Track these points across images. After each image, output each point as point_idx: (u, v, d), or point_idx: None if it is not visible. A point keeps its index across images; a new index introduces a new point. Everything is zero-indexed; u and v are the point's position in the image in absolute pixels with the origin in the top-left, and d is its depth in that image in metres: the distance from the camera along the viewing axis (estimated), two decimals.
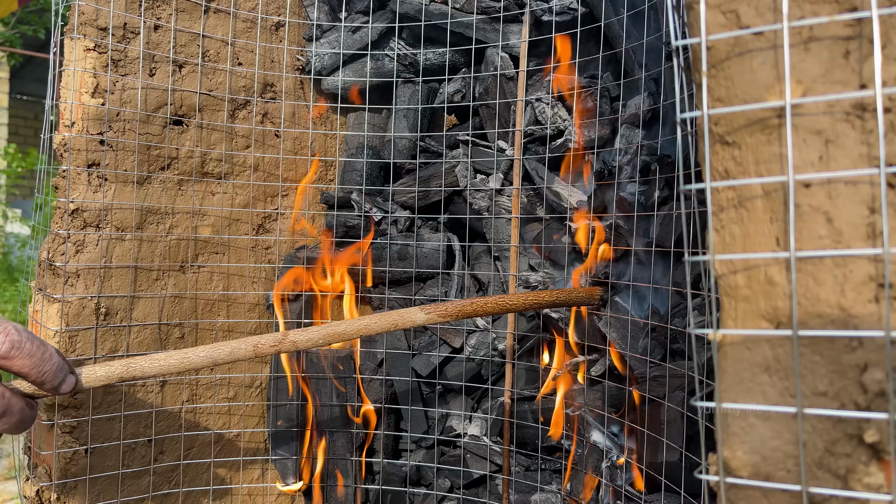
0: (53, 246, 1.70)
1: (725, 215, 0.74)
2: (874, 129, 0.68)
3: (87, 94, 1.69)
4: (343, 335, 1.38)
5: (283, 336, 1.37)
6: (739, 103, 0.73)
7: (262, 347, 1.37)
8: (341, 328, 1.38)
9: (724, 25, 0.74)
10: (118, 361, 1.31)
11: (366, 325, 1.39)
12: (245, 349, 1.37)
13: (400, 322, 1.40)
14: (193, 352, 1.35)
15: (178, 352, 1.35)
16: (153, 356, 1.32)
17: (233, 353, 1.37)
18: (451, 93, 1.96)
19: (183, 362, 1.34)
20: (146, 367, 1.30)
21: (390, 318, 1.39)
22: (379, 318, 1.39)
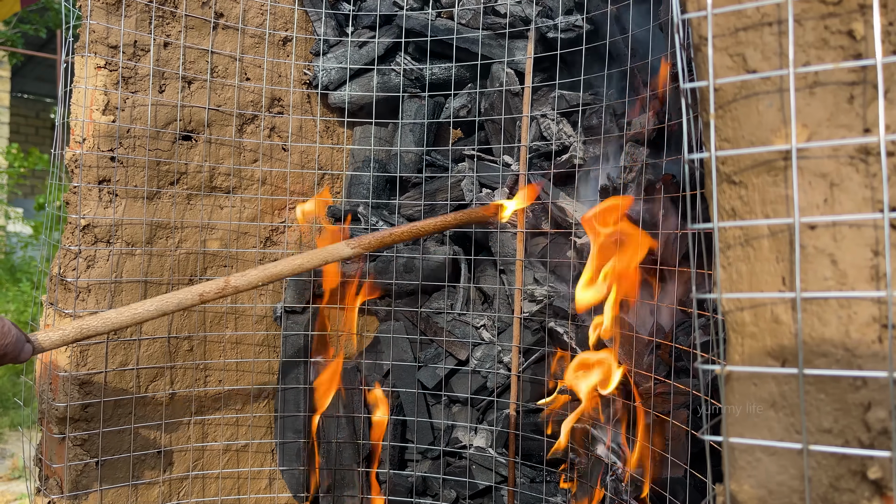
0: (65, 261, 1.72)
1: (732, 253, 0.76)
2: (878, 172, 0.69)
3: (97, 111, 1.71)
4: (280, 274, 1.49)
5: (224, 282, 1.45)
6: (746, 144, 0.75)
7: (208, 294, 1.45)
8: (278, 268, 1.48)
9: (731, 68, 0.76)
10: (71, 324, 1.36)
11: (300, 264, 1.49)
12: (191, 297, 1.45)
13: (329, 257, 1.52)
14: (142, 305, 1.41)
15: (128, 307, 1.41)
16: (103, 314, 1.38)
17: (181, 303, 1.44)
18: (457, 108, 1.98)
19: (134, 317, 1.39)
20: (97, 326, 1.36)
21: (321, 255, 1.51)
22: (311, 256, 1.50)
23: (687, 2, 0.79)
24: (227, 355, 1.97)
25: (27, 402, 3.92)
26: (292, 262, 1.50)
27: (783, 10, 0.73)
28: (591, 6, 1.75)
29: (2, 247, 8.28)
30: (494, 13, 1.92)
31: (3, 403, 4.12)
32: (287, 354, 2.02)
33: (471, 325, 1.94)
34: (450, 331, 1.95)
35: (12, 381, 4.49)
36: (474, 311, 1.97)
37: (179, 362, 1.88)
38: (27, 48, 9.09)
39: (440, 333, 1.96)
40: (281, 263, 1.50)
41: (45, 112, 11.83)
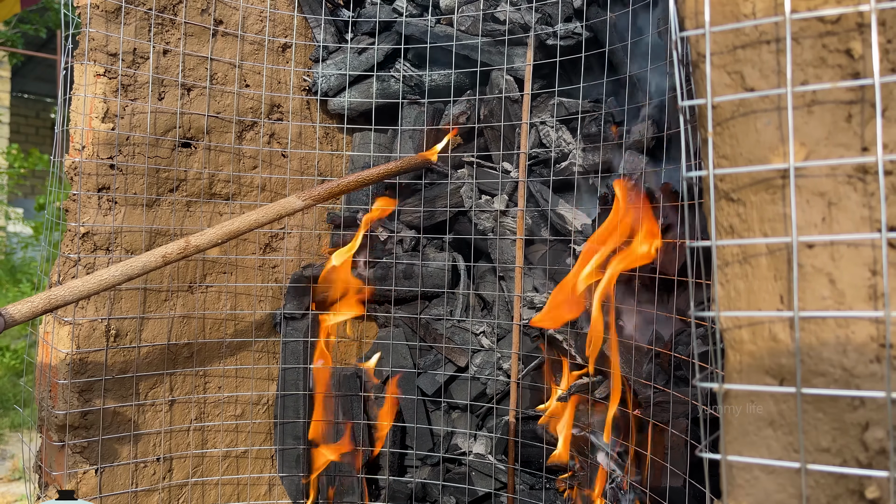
0: (64, 269, 1.72)
1: (730, 270, 0.76)
2: (876, 192, 0.69)
3: (97, 118, 1.71)
4: (238, 231, 1.56)
5: (185, 243, 1.50)
6: (744, 162, 0.75)
7: (170, 255, 1.49)
8: (235, 225, 1.55)
9: (729, 86, 0.76)
10: (39, 295, 1.37)
11: (255, 220, 1.56)
12: (155, 260, 1.49)
13: (283, 211, 1.59)
14: (107, 271, 1.44)
15: (94, 274, 1.44)
16: (70, 283, 1.39)
17: (145, 266, 1.48)
18: (456, 114, 1.98)
19: (101, 283, 1.42)
20: (66, 295, 1.38)
21: (274, 209, 1.58)
22: (266, 211, 1.58)
23: (685, 19, 0.79)
24: (227, 362, 1.98)
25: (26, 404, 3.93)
26: (248, 218, 1.57)
27: (781, 28, 0.73)
28: (591, 14, 1.75)
29: (2, 247, 8.27)
30: (494, 20, 1.92)
31: (4, 404, 4.11)
32: (286, 361, 2.02)
33: (470, 331, 1.94)
34: (449, 337, 1.95)
35: (13, 382, 4.49)
36: (474, 318, 1.97)
37: (179, 369, 1.88)
38: (27, 48, 9.08)
39: (440, 340, 1.96)
40: (237, 220, 1.56)
41: (45, 112, 11.83)
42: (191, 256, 1.56)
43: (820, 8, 0.72)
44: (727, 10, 0.77)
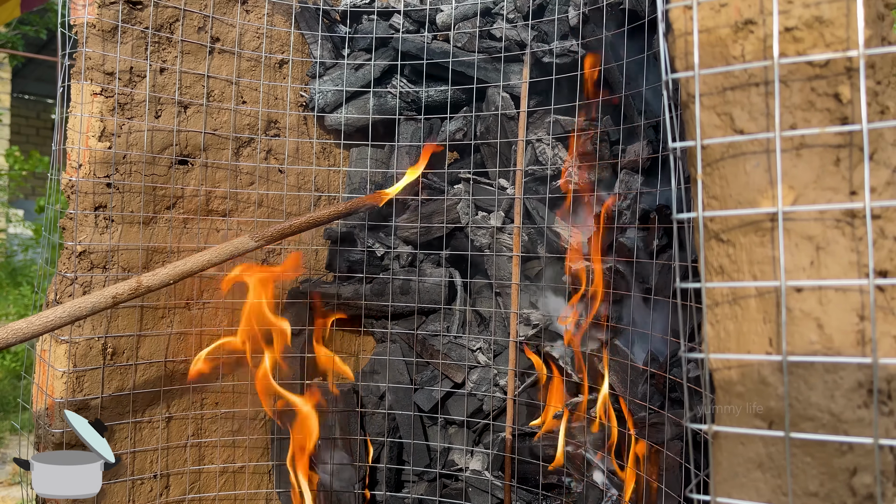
0: (61, 287, 1.72)
1: (720, 310, 0.77)
2: (864, 236, 0.70)
3: (94, 137, 1.71)
4: (192, 270, 1.52)
5: (136, 283, 1.46)
6: (734, 203, 0.76)
7: (121, 296, 1.45)
8: (189, 265, 1.51)
9: (719, 127, 0.77)
10: None
11: (208, 260, 1.53)
12: (104, 300, 1.45)
13: (235, 251, 1.57)
14: (53, 312, 1.41)
15: (39, 315, 1.40)
16: (13, 325, 1.36)
17: (94, 307, 1.44)
18: (452, 131, 1.98)
19: (45, 324, 1.39)
20: (8, 337, 1.35)
21: (227, 249, 1.56)
22: (219, 250, 1.55)
23: (675, 59, 0.80)
24: (224, 378, 1.98)
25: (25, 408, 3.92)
26: (201, 258, 1.54)
27: (770, 71, 0.73)
28: (587, 32, 1.75)
29: (2, 250, 8.25)
30: (490, 37, 1.92)
31: (4, 407, 4.11)
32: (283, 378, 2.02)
33: (467, 347, 1.95)
34: (446, 353, 1.95)
35: (13, 385, 4.49)
36: (470, 334, 1.97)
37: (176, 385, 1.88)
38: (28, 49, 9.09)
39: (436, 356, 1.96)
40: (190, 260, 1.53)
41: (45, 112, 11.83)
42: (142, 297, 1.54)
43: (808, 52, 0.73)
44: (716, 51, 0.77)
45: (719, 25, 0.77)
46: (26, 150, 10.05)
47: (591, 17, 1.73)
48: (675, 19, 0.79)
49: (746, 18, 0.75)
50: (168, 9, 1.80)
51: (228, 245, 1.57)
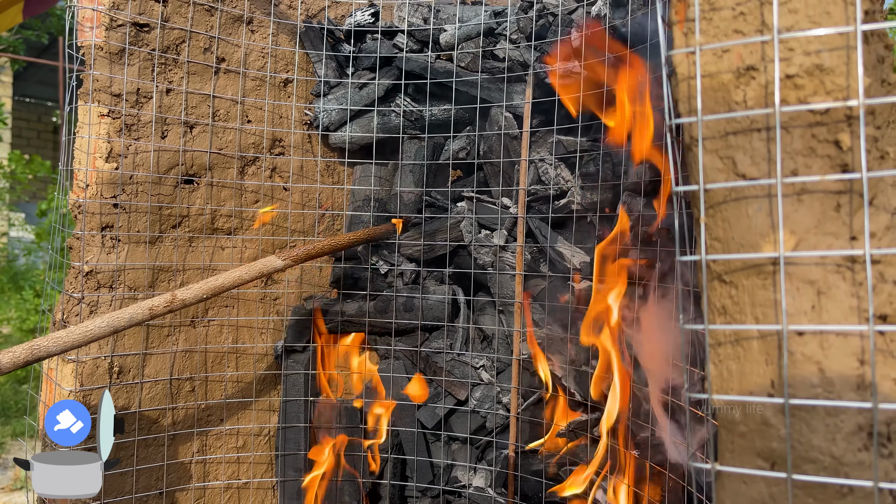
0: (68, 307, 1.74)
1: (723, 350, 0.78)
2: (864, 281, 0.71)
3: (100, 158, 1.73)
4: (223, 287, 1.59)
5: (171, 296, 1.52)
6: (736, 246, 0.77)
7: (157, 309, 1.51)
8: (220, 281, 1.59)
9: (721, 170, 0.78)
10: (21, 346, 1.37)
11: (239, 277, 1.61)
12: (142, 313, 1.49)
13: (265, 269, 1.65)
14: (93, 322, 1.44)
15: (79, 326, 1.43)
16: (55, 334, 1.40)
17: (132, 318, 1.48)
18: (456, 150, 2.00)
19: (85, 335, 1.42)
20: (49, 346, 1.39)
21: (257, 267, 1.64)
22: (249, 269, 1.63)
23: (678, 102, 0.81)
24: (229, 394, 1.99)
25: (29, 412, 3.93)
26: (232, 275, 1.61)
27: (771, 118, 0.75)
28: (589, 53, 1.76)
29: (4, 254, 8.25)
30: (493, 57, 1.94)
31: (5, 412, 4.12)
32: (287, 393, 2.03)
33: (470, 365, 1.96)
34: (449, 370, 1.96)
35: (14, 390, 4.49)
36: (474, 351, 1.98)
37: (181, 403, 1.90)
38: (29, 52, 9.13)
39: (440, 373, 1.98)
40: (221, 277, 1.60)
41: (46, 116, 11.86)
42: (177, 310, 1.58)
43: (809, 99, 0.74)
44: (719, 96, 0.78)
45: (721, 71, 0.78)
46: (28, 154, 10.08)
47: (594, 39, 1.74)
48: (679, 63, 0.80)
49: (748, 65, 0.77)
50: (174, 30, 1.82)
51: (258, 264, 1.65)
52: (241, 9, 1.94)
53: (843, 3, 0.73)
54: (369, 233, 1.95)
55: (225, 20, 1.91)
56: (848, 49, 0.73)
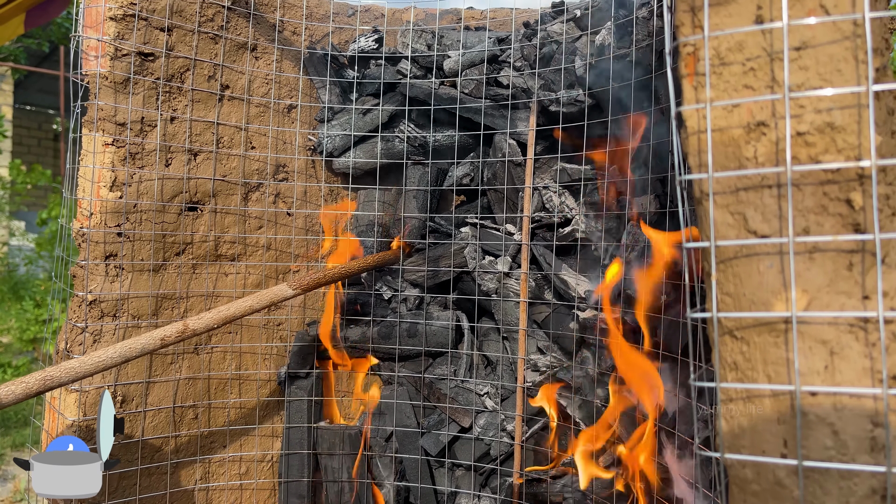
0: (71, 336, 1.73)
1: (735, 407, 0.78)
2: (877, 342, 0.71)
3: (105, 187, 1.73)
4: (234, 316, 1.60)
5: (183, 326, 1.52)
6: (747, 302, 0.77)
7: (169, 338, 1.51)
8: (231, 311, 1.59)
9: (732, 226, 0.78)
10: (34, 375, 1.37)
11: (250, 306, 1.61)
12: (154, 342, 1.50)
13: (275, 298, 1.66)
14: (105, 352, 1.44)
15: (91, 355, 1.43)
16: (66, 364, 1.40)
17: (144, 348, 1.48)
18: (459, 176, 2.00)
19: (97, 365, 1.43)
20: (61, 377, 1.38)
21: (268, 296, 1.64)
22: (260, 297, 1.63)
23: (689, 156, 0.81)
24: (232, 421, 1.98)
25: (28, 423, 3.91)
26: (243, 304, 1.61)
27: (782, 174, 0.75)
28: (593, 81, 1.77)
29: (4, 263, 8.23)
30: (497, 84, 1.94)
31: (6, 423, 4.10)
32: (291, 420, 2.02)
33: (474, 392, 1.95)
34: (453, 397, 1.96)
35: None
36: (478, 378, 1.98)
37: (184, 430, 1.89)
38: (30, 60, 9.16)
39: (443, 400, 1.97)
40: (233, 306, 1.60)
41: (47, 123, 11.88)
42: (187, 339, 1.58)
43: (820, 157, 0.74)
44: (729, 151, 0.78)
45: (732, 126, 0.78)
46: (28, 161, 10.07)
47: (597, 68, 1.75)
48: (688, 117, 0.80)
49: (759, 120, 0.76)
50: (179, 59, 1.82)
51: (269, 292, 1.65)
52: (245, 36, 1.94)
53: (855, 60, 0.73)
54: (379, 258, 1.95)
55: (229, 47, 1.91)
56: (859, 107, 0.73)
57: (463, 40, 2.01)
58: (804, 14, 0.75)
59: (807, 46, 0.75)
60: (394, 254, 2.00)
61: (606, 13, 1.74)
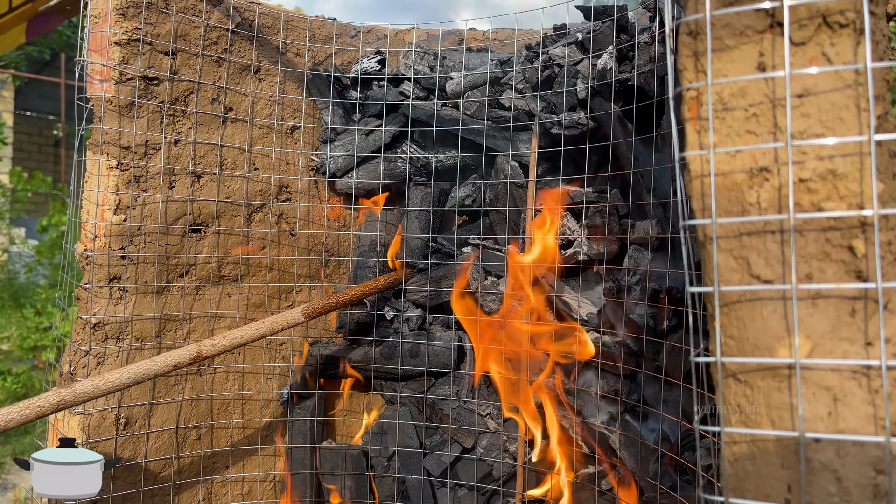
0: (75, 359, 1.74)
1: (738, 449, 0.78)
2: (879, 389, 0.71)
3: (109, 210, 1.74)
4: (244, 341, 1.65)
5: (197, 352, 1.57)
6: (750, 346, 0.77)
7: (182, 364, 1.56)
8: (245, 336, 1.64)
9: (735, 270, 0.79)
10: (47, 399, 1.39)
11: (261, 332, 1.66)
12: (166, 368, 1.54)
13: (287, 324, 1.70)
14: (118, 375, 1.47)
15: (104, 376, 1.46)
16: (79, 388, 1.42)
17: (157, 373, 1.53)
18: (462, 197, 2.01)
19: (110, 386, 1.46)
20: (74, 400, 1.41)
21: (280, 322, 1.69)
22: (272, 323, 1.68)
23: (692, 199, 0.82)
24: (234, 441, 1.99)
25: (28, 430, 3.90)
26: (253, 330, 1.66)
27: (785, 220, 0.75)
28: (595, 105, 1.78)
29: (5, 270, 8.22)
30: (499, 106, 1.95)
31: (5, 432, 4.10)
32: (293, 440, 2.03)
33: (476, 412, 1.96)
34: (455, 418, 1.96)
35: None
36: (480, 398, 1.98)
37: (187, 452, 1.89)
38: (31, 66, 9.21)
39: (446, 420, 1.97)
40: (244, 331, 1.65)
41: (48, 129, 11.90)
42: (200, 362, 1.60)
43: (823, 203, 0.75)
44: (732, 195, 0.79)
45: (735, 170, 0.79)
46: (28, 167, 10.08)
47: (599, 92, 1.76)
48: (691, 161, 0.81)
49: (762, 165, 0.77)
50: (183, 82, 1.83)
51: (280, 318, 1.70)
52: (248, 58, 1.95)
53: (856, 109, 0.74)
54: (389, 280, 1.97)
55: (233, 70, 1.92)
56: (861, 155, 0.74)
57: (465, 62, 2.02)
58: (806, 62, 0.76)
59: (809, 94, 0.76)
60: (400, 276, 2.02)
61: (608, 37, 1.76)
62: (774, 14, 0.77)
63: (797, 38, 0.77)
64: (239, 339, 1.60)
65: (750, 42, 0.79)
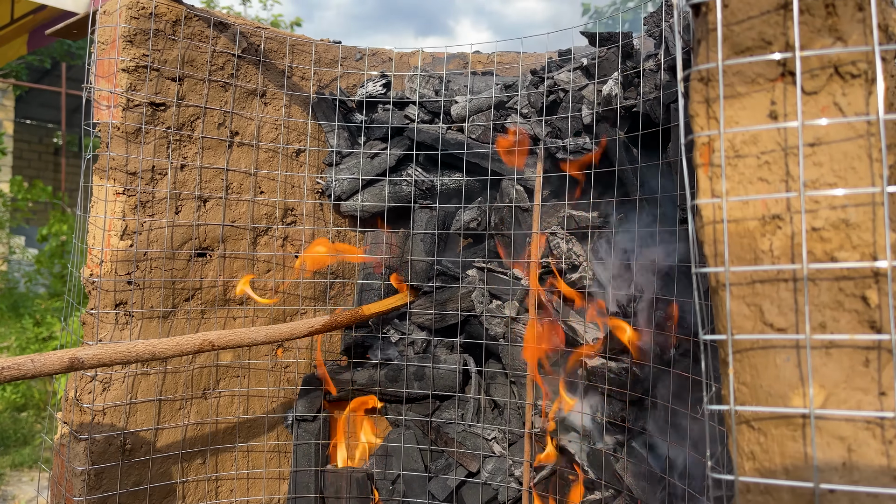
0: (81, 384, 1.74)
1: (752, 498, 0.78)
2: (893, 440, 0.72)
3: (115, 236, 1.74)
4: (255, 340, 1.68)
5: (204, 338, 1.60)
6: (764, 394, 0.77)
7: (188, 350, 1.59)
8: (252, 335, 1.68)
9: (748, 318, 0.79)
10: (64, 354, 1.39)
11: (266, 335, 1.70)
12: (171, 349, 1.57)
13: (291, 334, 1.76)
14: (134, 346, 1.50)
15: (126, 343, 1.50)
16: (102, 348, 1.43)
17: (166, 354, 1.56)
18: (467, 220, 2.01)
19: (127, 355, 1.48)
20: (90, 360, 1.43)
21: (285, 331, 1.75)
22: (278, 331, 1.73)
23: (704, 245, 0.82)
24: (239, 465, 1.98)
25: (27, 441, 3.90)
26: (262, 332, 1.70)
27: (799, 269, 0.75)
28: (600, 130, 1.78)
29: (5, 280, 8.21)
30: (504, 129, 1.95)
31: (5, 441, 4.08)
32: (298, 463, 2.02)
33: (482, 436, 1.95)
34: (461, 442, 1.96)
35: (13, 418, 4.46)
36: (485, 422, 1.98)
37: (192, 476, 1.89)
38: (31, 75, 9.24)
39: (451, 444, 1.97)
40: (254, 331, 1.69)
41: (48, 137, 11.93)
42: None
43: (835, 252, 0.75)
44: (745, 242, 0.79)
45: (747, 217, 0.79)
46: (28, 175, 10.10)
47: (604, 117, 1.76)
48: (703, 207, 0.81)
49: (774, 213, 0.78)
50: (189, 108, 1.84)
51: (285, 327, 1.76)
52: (254, 83, 1.96)
53: (869, 159, 0.75)
54: (394, 302, 1.99)
55: (239, 94, 1.93)
56: (874, 205, 0.74)
57: (470, 85, 2.03)
58: (817, 111, 0.77)
59: (821, 143, 0.76)
60: (405, 298, 2.03)
61: (613, 63, 1.76)
62: (786, 63, 0.78)
63: (809, 88, 0.77)
64: (252, 338, 1.68)
65: (761, 90, 0.79)
